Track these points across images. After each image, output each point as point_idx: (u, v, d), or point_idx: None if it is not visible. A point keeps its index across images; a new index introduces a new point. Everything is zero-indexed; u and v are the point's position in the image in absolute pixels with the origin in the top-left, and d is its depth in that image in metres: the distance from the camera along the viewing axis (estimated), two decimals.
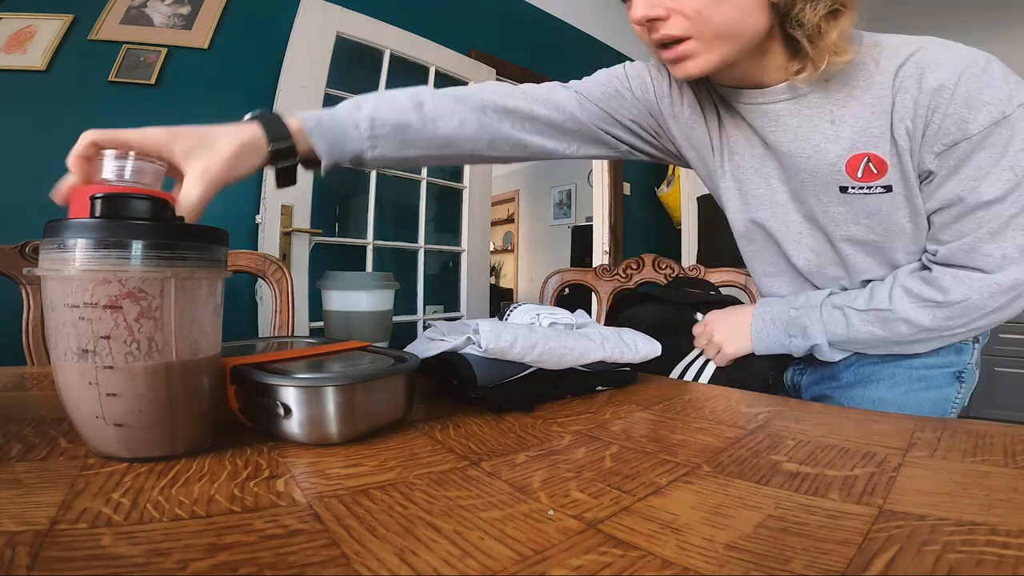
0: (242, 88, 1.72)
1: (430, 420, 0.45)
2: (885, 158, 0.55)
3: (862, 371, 0.68)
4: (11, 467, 0.30)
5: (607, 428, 0.43)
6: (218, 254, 0.35)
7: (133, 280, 0.30)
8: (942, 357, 0.65)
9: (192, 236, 0.33)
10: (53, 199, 0.45)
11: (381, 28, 1.92)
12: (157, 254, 0.31)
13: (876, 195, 0.58)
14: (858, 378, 0.68)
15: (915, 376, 0.66)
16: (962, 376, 0.66)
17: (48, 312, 0.31)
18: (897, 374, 0.66)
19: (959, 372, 0.66)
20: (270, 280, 0.95)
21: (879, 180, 0.57)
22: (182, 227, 0.33)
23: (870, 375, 0.67)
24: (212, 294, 0.35)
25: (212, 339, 0.35)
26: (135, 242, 0.30)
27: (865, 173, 0.57)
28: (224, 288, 0.36)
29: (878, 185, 0.57)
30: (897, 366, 0.66)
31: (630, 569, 0.21)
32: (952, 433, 0.41)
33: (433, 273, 2.22)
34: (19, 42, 1.46)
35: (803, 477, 0.32)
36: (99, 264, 0.30)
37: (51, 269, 0.31)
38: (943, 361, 0.66)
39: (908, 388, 0.65)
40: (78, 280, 0.30)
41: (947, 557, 0.22)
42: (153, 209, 0.33)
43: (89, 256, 0.30)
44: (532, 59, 2.47)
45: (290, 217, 1.70)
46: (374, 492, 0.29)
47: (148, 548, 0.22)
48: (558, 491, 0.30)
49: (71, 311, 0.30)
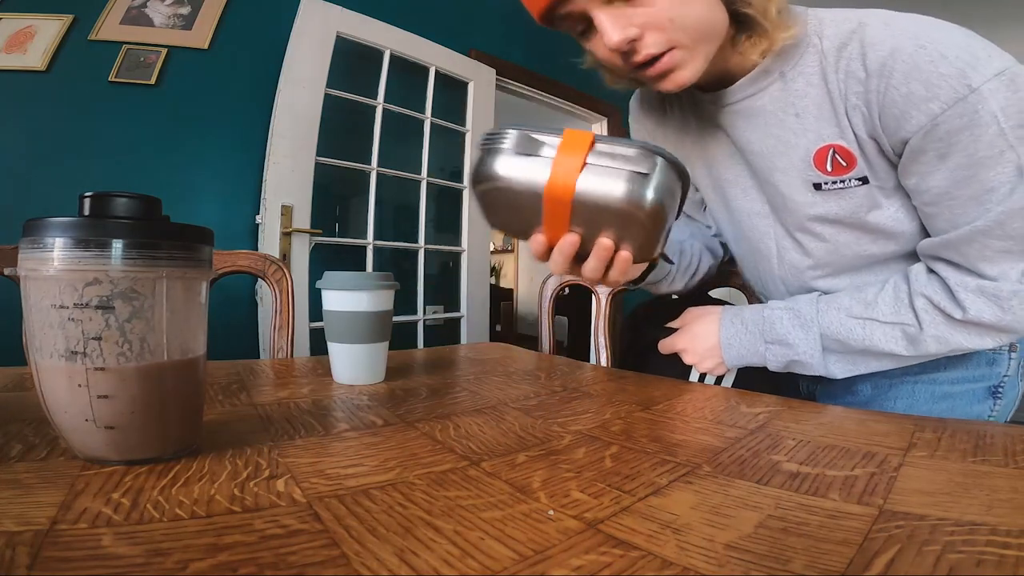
0: (242, 88, 1.72)
1: (430, 420, 0.45)
2: (851, 148, 0.53)
3: (880, 384, 0.63)
4: (11, 467, 0.30)
5: (607, 428, 0.43)
6: (206, 254, 0.35)
7: (125, 280, 0.30)
8: (970, 370, 0.59)
9: (183, 236, 0.33)
10: None
11: (381, 28, 1.92)
12: (151, 254, 0.31)
13: (852, 188, 0.54)
14: (876, 392, 0.63)
15: (938, 393, 0.60)
16: (998, 391, 0.59)
17: (30, 313, 0.30)
18: (917, 391, 0.60)
19: (994, 387, 0.59)
20: (270, 280, 0.95)
21: (851, 172, 0.53)
22: (173, 227, 0.33)
23: (888, 389, 0.62)
24: (200, 294, 0.35)
25: (200, 339, 0.35)
26: (128, 241, 0.30)
27: (834, 166, 0.54)
28: (209, 288, 0.36)
29: (851, 178, 0.54)
30: (917, 382, 0.60)
31: (630, 569, 0.21)
32: (952, 433, 0.41)
33: (433, 273, 2.21)
34: (19, 42, 1.46)
35: (803, 477, 0.32)
36: (90, 264, 0.29)
37: (34, 269, 0.29)
38: (971, 375, 0.59)
39: (930, 407, 0.60)
40: (66, 280, 0.29)
41: (947, 557, 0.22)
42: (144, 208, 0.32)
43: (79, 256, 0.29)
44: (532, 59, 2.47)
45: (290, 217, 1.70)
46: (374, 492, 0.29)
47: (148, 548, 0.22)
48: (558, 491, 0.30)
49: (58, 312, 0.29)
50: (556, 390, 0.58)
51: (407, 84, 2.04)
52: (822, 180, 0.55)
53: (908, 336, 0.53)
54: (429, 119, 2.08)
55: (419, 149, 2.08)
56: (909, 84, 0.46)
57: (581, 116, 2.90)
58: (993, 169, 0.46)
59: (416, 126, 2.08)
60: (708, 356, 0.64)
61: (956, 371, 0.59)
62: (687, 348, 0.65)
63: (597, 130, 3.01)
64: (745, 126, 0.59)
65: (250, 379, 0.60)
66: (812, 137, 0.55)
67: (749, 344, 0.60)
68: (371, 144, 1.92)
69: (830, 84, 0.52)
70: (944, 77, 0.44)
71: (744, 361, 0.62)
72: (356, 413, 0.47)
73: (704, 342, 0.63)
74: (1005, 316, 0.49)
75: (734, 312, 0.64)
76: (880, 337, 0.54)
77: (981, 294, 0.49)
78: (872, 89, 0.49)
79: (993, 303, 0.49)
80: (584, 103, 2.78)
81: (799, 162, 0.56)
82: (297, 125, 1.71)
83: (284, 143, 1.69)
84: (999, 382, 0.59)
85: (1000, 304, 0.49)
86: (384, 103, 1.94)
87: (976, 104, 0.44)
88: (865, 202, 0.55)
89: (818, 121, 0.54)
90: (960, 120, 0.45)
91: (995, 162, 0.45)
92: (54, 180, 1.44)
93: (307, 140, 1.73)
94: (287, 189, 1.69)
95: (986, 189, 0.47)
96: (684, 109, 0.68)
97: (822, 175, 0.55)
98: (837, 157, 0.54)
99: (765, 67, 0.56)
